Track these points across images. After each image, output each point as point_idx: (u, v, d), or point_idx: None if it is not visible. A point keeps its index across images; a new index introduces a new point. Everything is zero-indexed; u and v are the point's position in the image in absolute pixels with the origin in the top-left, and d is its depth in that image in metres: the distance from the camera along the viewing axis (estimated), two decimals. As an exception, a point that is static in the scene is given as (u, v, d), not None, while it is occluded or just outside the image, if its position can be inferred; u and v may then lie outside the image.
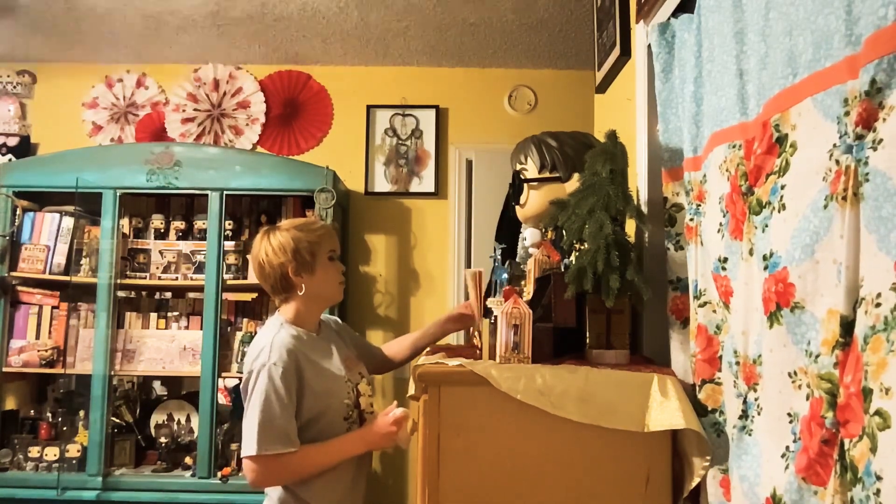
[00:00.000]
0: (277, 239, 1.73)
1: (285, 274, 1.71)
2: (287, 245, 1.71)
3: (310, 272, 1.72)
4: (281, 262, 1.70)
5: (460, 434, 1.35)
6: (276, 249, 1.71)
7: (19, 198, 2.86)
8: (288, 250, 1.70)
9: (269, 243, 1.73)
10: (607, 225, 1.43)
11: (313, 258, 1.73)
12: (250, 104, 3.40)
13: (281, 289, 1.74)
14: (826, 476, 0.91)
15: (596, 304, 1.49)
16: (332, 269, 1.78)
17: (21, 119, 3.41)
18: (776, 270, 1.03)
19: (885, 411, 0.78)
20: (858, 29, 0.86)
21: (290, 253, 1.70)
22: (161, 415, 2.94)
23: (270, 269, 1.72)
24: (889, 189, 0.79)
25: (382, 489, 3.23)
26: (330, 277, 1.77)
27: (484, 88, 3.43)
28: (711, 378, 1.32)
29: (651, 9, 1.69)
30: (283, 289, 1.74)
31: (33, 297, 2.87)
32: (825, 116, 0.94)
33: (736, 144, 1.21)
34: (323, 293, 1.77)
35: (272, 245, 1.72)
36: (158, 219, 3.00)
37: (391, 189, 3.39)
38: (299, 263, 1.71)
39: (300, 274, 1.71)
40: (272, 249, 1.72)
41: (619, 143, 1.54)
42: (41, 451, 2.75)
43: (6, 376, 2.84)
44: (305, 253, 1.71)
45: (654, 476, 1.33)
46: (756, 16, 1.14)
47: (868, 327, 0.82)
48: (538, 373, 1.33)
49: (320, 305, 1.81)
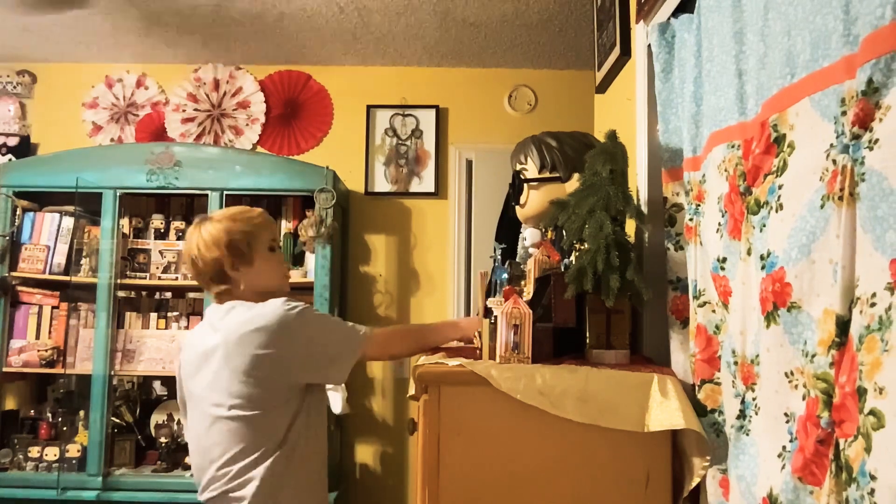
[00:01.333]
0: (210, 231, 1.59)
1: (221, 269, 1.59)
2: (220, 238, 1.58)
3: (248, 264, 1.60)
4: (215, 257, 1.58)
5: (460, 434, 1.35)
6: (209, 243, 1.58)
7: (19, 198, 2.87)
8: (222, 244, 1.58)
9: (201, 236, 1.60)
10: (607, 225, 1.43)
11: (250, 250, 1.60)
12: (250, 104, 3.41)
13: (220, 282, 1.61)
14: (822, 476, 0.91)
15: (596, 304, 1.49)
16: (275, 261, 1.66)
17: (21, 119, 3.41)
18: (773, 270, 1.03)
19: (879, 411, 0.78)
20: (856, 29, 0.86)
21: (223, 247, 1.58)
22: (161, 415, 2.94)
23: (204, 265, 1.59)
24: (885, 189, 0.79)
25: (382, 489, 3.23)
26: (272, 269, 1.65)
27: (484, 88, 3.43)
28: (711, 378, 1.32)
29: (651, 9, 1.69)
30: (222, 282, 1.61)
31: (33, 297, 2.88)
32: (822, 116, 0.94)
33: (734, 144, 1.21)
34: (266, 287, 1.63)
35: (204, 238, 1.59)
36: (158, 219, 3.01)
37: (391, 189, 3.39)
38: (235, 257, 1.58)
39: (237, 268, 1.59)
40: (205, 243, 1.59)
41: (619, 143, 1.54)
42: (41, 451, 2.76)
43: (6, 376, 2.85)
44: (242, 245, 1.59)
45: (654, 476, 1.33)
46: (755, 16, 1.14)
47: (863, 327, 0.82)
48: (538, 373, 1.33)
49: (264, 300, 1.60)
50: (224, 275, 1.60)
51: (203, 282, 1.64)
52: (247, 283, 1.61)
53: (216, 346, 1.52)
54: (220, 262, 1.58)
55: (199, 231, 1.61)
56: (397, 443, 3.25)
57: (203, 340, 1.58)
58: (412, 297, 3.35)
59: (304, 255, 2.98)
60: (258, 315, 1.51)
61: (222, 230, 1.59)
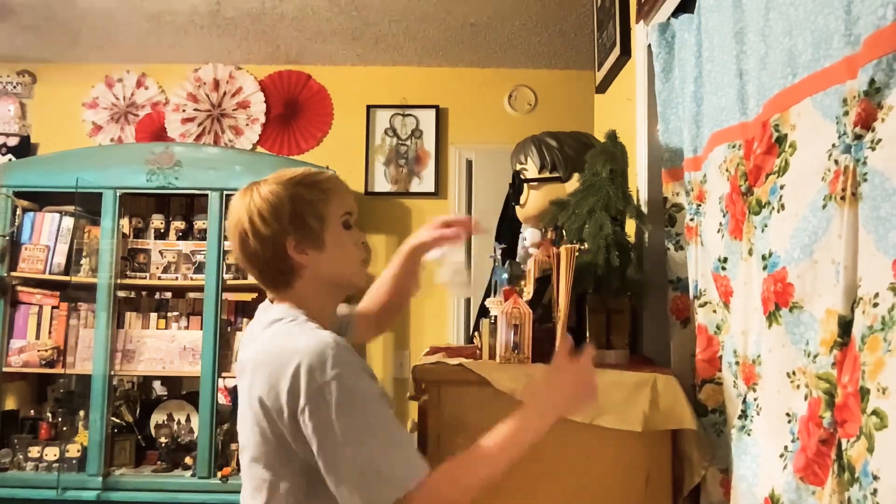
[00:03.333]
0: (267, 196, 1.15)
1: (281, 250, 1.14)
2: (282, 206, 1.14)
3: (318, 247, 1.16)
4: (275, 233, 1.13)
5: (460, 434, 1.34)
6: (267, 213, 1.14)
7: (19, 198, 2.86)
8: (284, 214, 1.14)
9: (253, 202, 1.15)
10: (607, 225, 1.43)
11: (322, 225, 1.16)
12: (250, 104, 3.41)
13: (276, 272, 1.17)
14: (824, 476, 0.91)
15: (596, 304, 1.49)
16: (349, 241, 1.21)
17: (21, 119, 3.41)
18: (775, 270, 1.03)
19: (882, 411, 0.78)
20: (858, 29, 0.86)
21: (286, 218, 1.14)
22: (161, 415, 2.94)
23: (259, 244, 1.14)
24: (887, 189, 0.79)
25: (382, 489, 3.23)
26: (347, 253, 1.21)
27: (484, 88, 3.43)
28: (711, 378, 1.32)
29: (651, 9, 1.69)
30: (280, 272, 1.16)
31: (33, 297, 2.87)
32: (824, 116, 0.94)
33: (736, 144, 1.21)
34: (339, 276, 1.21)
35: (258, 205, 1.14)
36: (158, 219, 3.00)
37: (391, 189, 3.39)
38: (302, 234, 1.15)
39: (304, 250, 1.15)
40: (258, 212, 1.14)
41: (619, 143, 1.54)
42: (41, 451, 2.75)
43: (6, 376, 2.84)
44: (310, 218, 1.15)
45: (654, 476, 1.33)
46: (756, 16, 1.14)
47: (866, 327, 0.82)
48: (538, 373, 1.33)
49: (335, 296, 1.25)
50: (286, 259, 1.14)
51: (254, 269, 1.18)
52: (314, 273, 1.17)
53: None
54: (281, 240, 1.14)
55: (252, 196, 1.16)
56: (397, 443, 3.24)
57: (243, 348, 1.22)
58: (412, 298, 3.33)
59: (304, 255, 2.97)
60: (271, 366, 1.06)
61: (285, 197, 1.14)
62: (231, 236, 1.20)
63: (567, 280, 1.36)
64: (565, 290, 1.37)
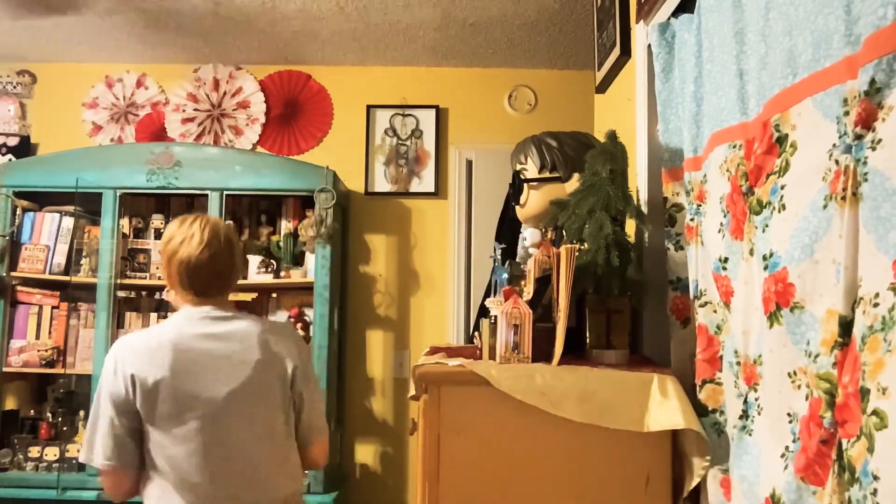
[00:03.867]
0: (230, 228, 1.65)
1: (238, 266, 1.69)
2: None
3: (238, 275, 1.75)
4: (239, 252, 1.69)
5: (460, 434, 1.35)
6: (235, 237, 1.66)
7: (19, 198, 2.86)
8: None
9: (228, 227, 1.63)
10: (607, 225, 1.43)
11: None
12: (250, 104, 3.40)
13: (231, 280, 1.66)
14: (824, 476, 0.91)
15: (596, 304, 1.49)
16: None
17: (21, 119, 3.41)
18: (776, 270, 1.03)
19: (882, 411, 0.78)
20: (858, 29, 0.86)
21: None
22: (161, 415, 2.93)
23: (236, 256, 1.64)
24: (887, 189, 0.79)
25: (382, 489, 3.23)
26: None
27: (484, 88, 3.43)
28: (712, 378, 1.32)
29: (651, 9, 1.69)
30: (231, 281, 1.67)
31: (33, 297, 2.87)
32: (825, 116, 0.94)
33: (736, 144, 1.21)
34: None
35: (230, 229, 1.65)
36: (158, 219, 3.00)
37: (391, 189, 3.39)
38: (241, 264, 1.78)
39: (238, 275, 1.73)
40: (232, 233, 1.64)
41: (619, 143, 1.54)
42: (41, 451, 2.75)
43: (6, 376, 2.84)
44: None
45: (654, 476, 1.33)
46: (756, 16, 1.14)
47: (866, 327, 0.82)
48: (538, 373, 1.33)
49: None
50: (236, 274, 1.67)
51: (230, 279, 1.65)
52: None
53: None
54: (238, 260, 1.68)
55: (222, 222, 1.63)
56: (397, 443, 3.25)
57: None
58: (412, 297, 3.34)
59: (304, 255, 2.98)
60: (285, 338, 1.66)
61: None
62: (225, 245, 1.58)
63: (567, 280, 1.36)
64: (565, 290, 1.37)
